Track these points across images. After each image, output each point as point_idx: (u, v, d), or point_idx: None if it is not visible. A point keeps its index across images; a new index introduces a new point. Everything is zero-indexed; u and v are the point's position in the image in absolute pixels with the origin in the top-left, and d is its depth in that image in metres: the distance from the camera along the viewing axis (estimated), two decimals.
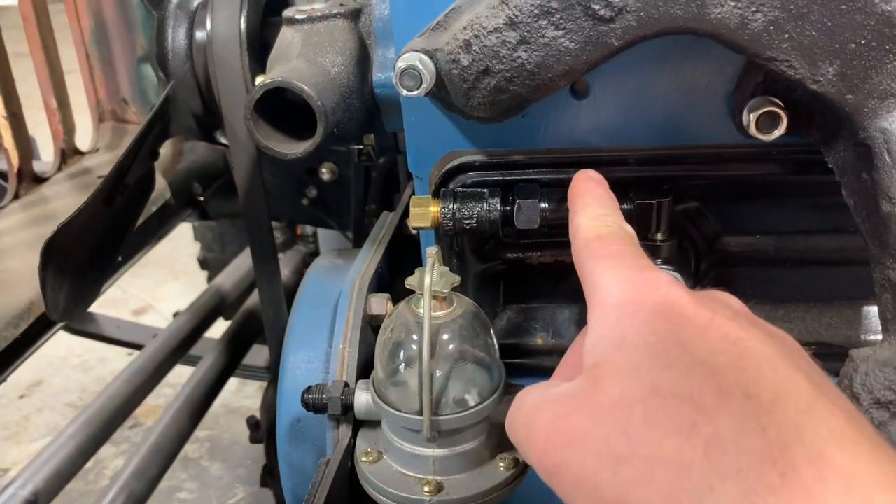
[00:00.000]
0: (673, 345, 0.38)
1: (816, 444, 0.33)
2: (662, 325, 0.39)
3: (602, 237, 0.47)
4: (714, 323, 0.39)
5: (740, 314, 0.42)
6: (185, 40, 0.79)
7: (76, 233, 0.75)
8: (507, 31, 0.52)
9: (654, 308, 0.40)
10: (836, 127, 0.54)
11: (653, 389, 0.37)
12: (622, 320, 0.40)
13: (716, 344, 0.38)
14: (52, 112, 1.33)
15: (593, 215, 0.49)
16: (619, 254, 0.45)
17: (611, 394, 0.38)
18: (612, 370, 0.39)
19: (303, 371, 0.74)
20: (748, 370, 0.37)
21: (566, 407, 0.39)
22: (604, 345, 0.40)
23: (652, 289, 0.41)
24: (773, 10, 0.49)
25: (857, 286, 0.70)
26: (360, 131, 0.73)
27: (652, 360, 0.38)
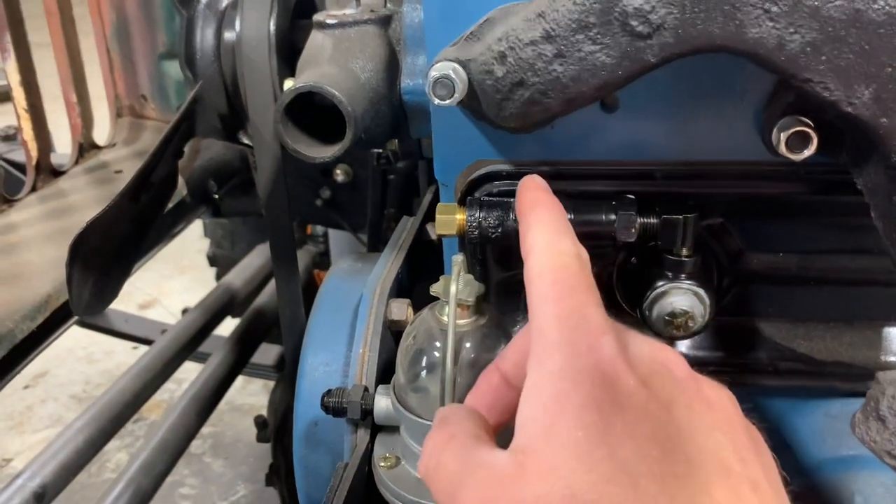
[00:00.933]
0: (599, 443, 0.38)
1: None
2: (593, 418, 0.38)
3: (555, 272, 0.45)
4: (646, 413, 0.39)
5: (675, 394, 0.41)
6: (214, 41, 0.79)
7: (102, 229, 0.75)
8: (544, 45, 0.53)
9: (589, 392, 0.39)
10: (867, 149, 0.55)
11: (573, 494, 0.36)
12: (556, 402, 0.40)
13: (642, 445, 0.38)
14: (72, 106, 1.33)
15: (548, 240, 0.47)
16: (569, 302, 0.43)
17: (534, 489, 0.38)
18: (538, 463, 0.38)
19: (321, 374, 0.74)
20: (666, 483, 0.37)
21: (493, 490, 0.39)
22: (534, 429, 0.40)
23: (594, 362, 0.40)
24: (810, 32, 0.49)
25: (878, 307, 0.71)
26: (386, 137, 0.74)
27: (576, 460, 0.37)
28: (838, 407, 0.72)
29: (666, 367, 0.43)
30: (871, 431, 0.49)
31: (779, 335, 0.72)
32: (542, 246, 0.46)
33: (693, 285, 0.64)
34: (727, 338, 0.72)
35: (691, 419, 0.40)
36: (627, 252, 0.70)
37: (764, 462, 0.42)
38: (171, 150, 0.83)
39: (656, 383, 0.41)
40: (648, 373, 0.41)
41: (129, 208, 0.80)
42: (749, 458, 0.40)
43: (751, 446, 0.41)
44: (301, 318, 0.92)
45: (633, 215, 0.62)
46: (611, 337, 0.42)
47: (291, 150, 0.67)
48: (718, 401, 0.43)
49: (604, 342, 0.41)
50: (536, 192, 0.52)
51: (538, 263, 0.46)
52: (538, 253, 0.46)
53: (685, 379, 0.43)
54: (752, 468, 0.40)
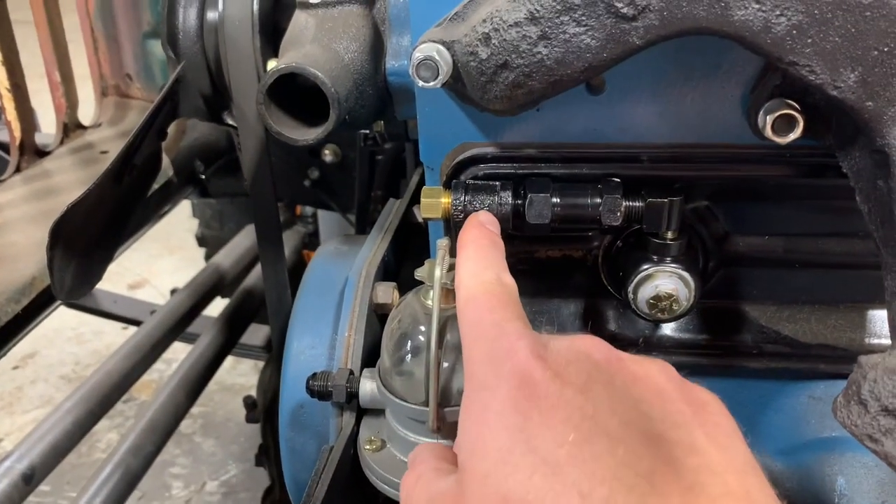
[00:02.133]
0: (519, 441, 0.39)
1: None
2: (511, 419, 0.40)
3: (477, 298, 0.48)
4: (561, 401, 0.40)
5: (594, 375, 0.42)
6: (196, 21, 0.78)
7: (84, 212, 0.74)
8: (528, 26, 0.52)
9: (506, 394, 0.41)
10: (853, 133, 0.54)
11: (504, 497, 0.38)
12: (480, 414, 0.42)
13: (559, 431, 0.39)
14: (56, 86, 1.31)
15: (472, 271, 0.50)
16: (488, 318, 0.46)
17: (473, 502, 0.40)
18: (472, 478, 0.40)
19: (307, 357, 0.74)
20: (586, 462, 0.37)
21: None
22: (466, 446, 0.42)
23: (510, 365, 0.42)
24: (796, 15, 0.48)
25: (863, 289, 0.71)
26: (371, 118, 0.73)
27: (502, 464, 0.39)
28: (822, 389, 0.73)
29: (584, 353, 0.43)
30: (852, 415, 0.50)
31: (764, 318, 0.72)
32: (468, 278, 0.50)
33: (678, 268, 0.64)
34: (712, 320, 0.72)
35: (611, 397, 0.41)
36: (613, 235, 0.70)
37: (708, 421, 0.41)
38: (154, 132, 0.82)
39: (572, 371, 0.42)
40: (564, 363, 0.42)
41: (111, 190, 0.79)
42: (683, 423, 0.40)
43: (687, 410, 0.41)
44: (287, 301, 0.92)
45: (618, 198, 0.62)
46: (526, 340, 0.43)
47: (274, 133, 0.66)
48: (644, 374, 0.43)
49: (519, 346, 0.43)
50: (472, 230, 0.55)
51: (465, 294, 0.49)
52: (464, 286, 0.50)
53: (605, 360, 0.43)
54: (687, 432, 0.40)
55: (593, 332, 0.72)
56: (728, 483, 0.38)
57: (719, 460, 0.39)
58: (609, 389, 0.41)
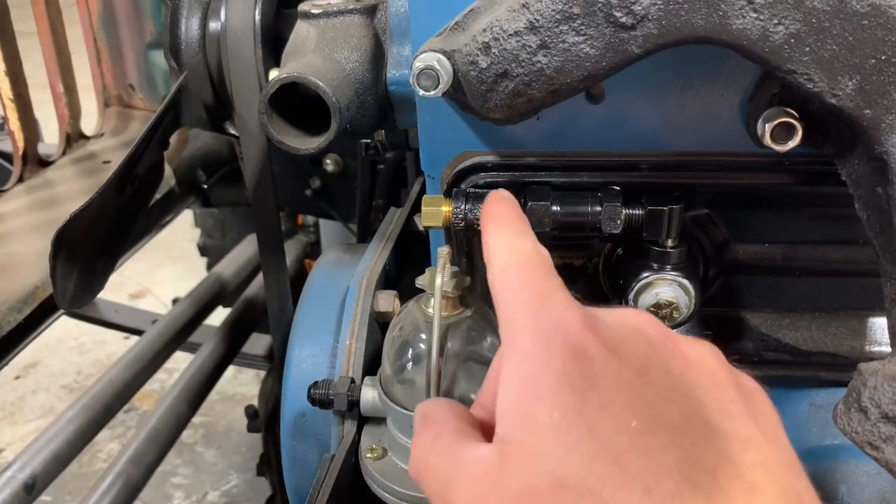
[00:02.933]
0: (577, 422, 0.37)
1: None
2: (567, 397, 0.37)
3: (517, 266, 0.45)
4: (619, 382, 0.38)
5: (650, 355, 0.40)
6: (199, 31, 0.79)
7: (87, 222, 0.75)
8: (528, 35, 0.52)
9: (561, 370, 0.38)
10: (851, 140, 0.55)
11: (557, 480, 0.36)
12: (529, 386, 0.39)
13: (619, 415, 0.37)
14: (59, 96, 1.32)
15: (508, 239, 0.47)
16: (532, 286, 0.43)
17: (519, 480, 0.37)
18: (520, 451, 0.38)
19: (308, 365, 0.74)
20: (651, 453, 0.35)
21: (482, 488, 0.38)
22: (510, 416, 0.39)
23: (561, 338, 0.39)
24: (794, 23, 0.49)
25: (863, 297, 0.71)
26: (372, 127, 0.73)
27: (556, 443, 0.37)
28: (823, 396, 0.73)
29: (637, 331, 0.41)
30: (852, 422, 0.50)
31: (764, 325, 0.72)
32: (503, 248, 0.47)
33: (678, 276, 0.64)
34: (713, 328, 0.73)
35: (670, 382, 0.39)
36: (613, 243, 0.70)
37: (758, 412, 0.40)
38: (157, 141, 0.82)
39: (628, 349, 0.40)
40: (619, 340, 0.40)
41: (114, 200, 0.80)
42: (737, 413, 0.39)
43: (739, 400, 0.40)
44: (289, 310, 0.92)
45: (618, 206, 0.62)
46: (576, 312, 0.41)
47: (276, 142, 0.66)
48: (698, 357, 0.41)
49: (569, 317, 0.40)
50: (497, 203, 0.52)
51: (500, 262, 0.46)
52: (499, 254, 0.46)
53: (659, 339, 0.41)
54: (741, 424, 0.38)
55: None
56: (782, 483, 0.37)
57: (773, 457, 0.38)
58: (667, 375, 0.39)
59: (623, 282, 0.67)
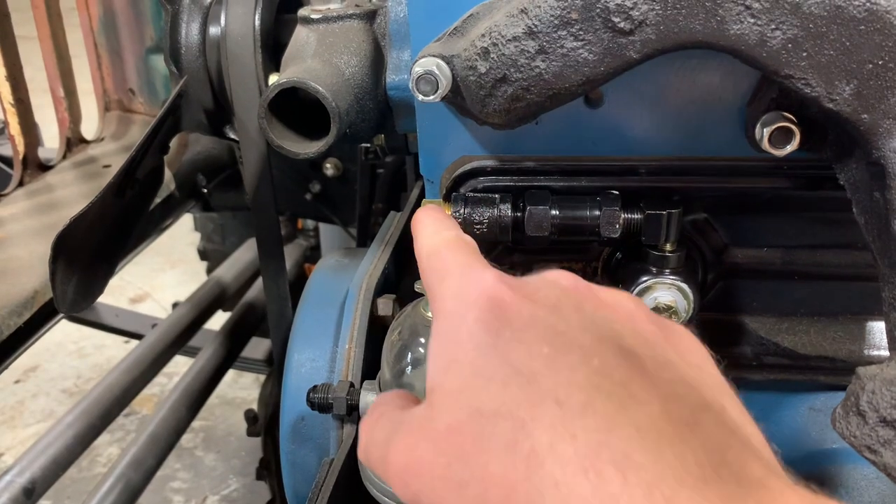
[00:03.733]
0: (492, 356, 0.38)
1: (621, 447, 0.34)
2: (483, 337, 0.39)
3: (438, 250, 0.47)
4: (533, 319, 0.40)
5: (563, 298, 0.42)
6: (199, 36, 0.79)
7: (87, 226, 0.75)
8: (526, 41, 0.53)
9: (477, 316, 0.40)
10: (849, 145, 0.55)
11: (478, 409, 0.37)
12: (450, 337, 0.41)
13: (532, 346, 0.38)
14: (59, 100, 1.32)
15: (432, 231, 0.50)
16: (451, 262, 0.46)
17: (445, 419, 0.38)
18: (444, 394, 0.39)
19: (308, 370, 0.74)
20: (561, 372, 0.37)
21: (413, 437, 0.40)
22: (436, 366, 0.41)
23: (478, 292, 0.42)
24: (792, 29, 0.49)
25: (862, 301, 0.71)
26: (371, 132, 0.74)
27: (474, 377, 0.38)
28: (822, 400, 0.73)
29: (551, 281, 0.43)
30: (851, 426, 0.50)
31: (763, 329, 0.72)
32: (428, 238, 0.49)
33: (677, 280, 0.65)
34: (712, 332, 0.72)
35: (582, 316, 0.40)
36: (612, 247, 0.70)
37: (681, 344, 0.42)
38: (157, 145, 0.82)
39: (542, 294, 0.41)
40: (533, 288, 0.42)
41: (114, 204, 0.80)
42: (655, 342, 0.40)
43: (658, 332, 0.41)
44: (288, 314, 0.92)
45: (617, 211, 0.63)
46: (493, 271, 0.43)
47: (276, 146, 0.66)
48: (614, 300, 0.43)
49: (486, 275, 0.42)
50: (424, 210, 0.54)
51: (426, 250, 0.48)
52: (424, 247, 0.49)
53: (573, 286, 0.43)
54: (659, 350, 0.40)
55: None
56: (705, 397, 0.38)
57: (694, 376, 0.39)
58: (580, 311, 0.41)
59: (622, 286, 0.67)
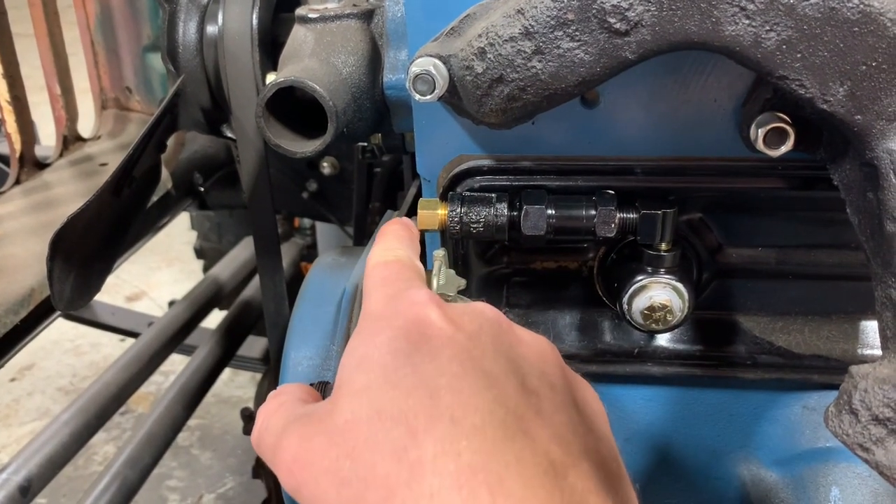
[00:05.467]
0: (404, 364, 0.40)
1: (498, 472, 0.35)
2: (401, 344, 0.41)
3: (386, 263, 0.50)
4: (451, 341, 0.41)
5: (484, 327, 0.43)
6: (196, 34, 0.79)
7: (84, 224, 0.75)
8: (523, 41, 0.53)
9: (401, 325, 0.42)
10: (843, 146, 0.55)
11: (377, 411, 0.38)
12: (369, 338, 0.42)
13: (444, 364, 0.40)
14: (56, 98, 1.32)
15: (385, 247, 0.52)
16: (394, 277, 0.48)
17: (344, 415, 0.39)
18: (349, 390, 0.40)
19: (304, 368, 0.74)
20: (463, 392, 0.38)
21: (310, 429, 0.41)
22: (349, 364, 0.42)
23: (407, 305, 0.43)
24: (786, 30, 0.49)
25: (855, 301, 0.72)
26: (369, 131, 0.74)
27: (382, 380, 0.39)
28: (816, 399, 0.73)
29: (478, 311, 0.45)
30: (843, 424, 0.50)
31: (758, 328, 0.73)
32: (378, 251, 0.52)
33: (672, 279, 0.65)
34: (707, 331, 0.73)
35: (497, 348, 0.42)
36: (608, 246, 0.71)
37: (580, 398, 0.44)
38: (154, 144, 0.82)
39: (465, 321, 0.43)
40: (459, 314, 0.44)
41: (111, 202, 0.80)
42: (559, 387, 0.42)
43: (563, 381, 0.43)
44: (285, 313, 0.92)
45: (612, 210, 0.63)
46: (427, 291, 0.45)
47: (273, 145, 0.67)
48: (532, 340, 0.45)
49: (419, 293, 0.44)
50: (393, 224, 0.57)
51: (373, 261, 0.50)
52: (373, 256, 0.51)
53: (496, 320, 0.45)
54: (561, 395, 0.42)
55: (589, 343, 0.73)
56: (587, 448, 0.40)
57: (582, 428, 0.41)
58: (497, 343, 0.43)
59: (617, 285, 0.67)
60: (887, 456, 0.48)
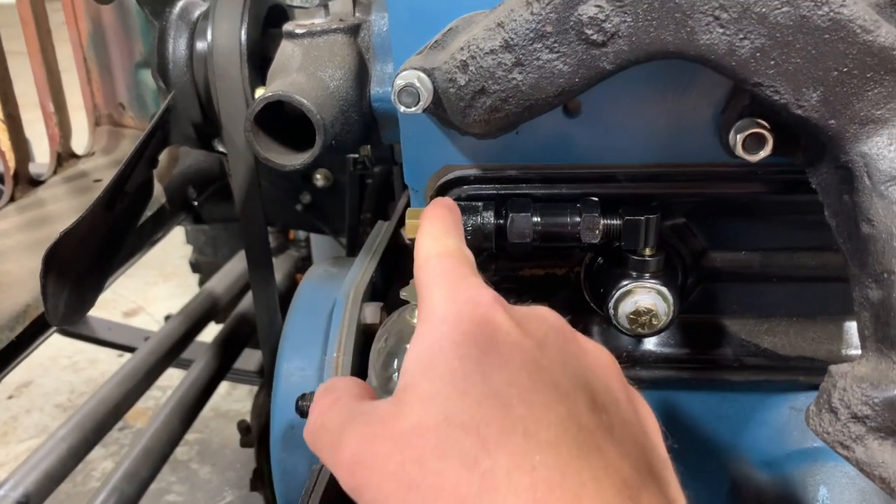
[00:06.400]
0: (474, 371, 0.39)
1: (574, 491, 0.35)
2: (469, 350, 0.40)
3: (439, 256, 0.48)
4: (520, 348, 0.41)
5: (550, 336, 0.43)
6: (186, 51, 0.80)
7: (77, 239, 0.76)
8: (503, 53, 0.54)
9: (467, 329, 0.41)
10: (819, 150, 0.56)
11: (446, 418, 0.38)
12: (436, 342, 0.41)
13: (514, 373, 0.39)
14: (49, 115, 1.33)
15: (434, 237, 0.50)
16: (451, 272, 0.46)
17: (410, 420, 0.39)
18: (416, 395, 0.39)
19: (297, 378, 0.75)
20: (535, 405, 0.38)
21: (373, 430, 0.40)
22: (414, 368, 0.41)
23: (472, 307, 0.43)
24: (759, 38, 0.51)
25: (839, 302, 0.73)
26: (357, 143, 0.75)
27: (451, 387, 0.39)
28: (802, 400, 0.74)
29: (542, 317, 0.45)
30: (824, 423, 0.51)
31: (743, 331, 0.74)
32: (429, 241, 0.49)
33: (657, 284, 0.66)
34: (693, 334, 0.74)
35: (564, 358, 0.42)
36: (593, 253, 0.72)
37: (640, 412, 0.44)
38: (146, 159, 0.83)
39: (532, 326, 0.43)
40: (524, 318, 0.43)
41: (103, 218, 0.81)
42: (621, 400, 0.42)
43: (624, 393, 0.43)
44: (278, 324, 0.93)
45: (596, 217, 0.64)
46: (490, 291, 0.44)
47: (262, 159, 0.68)
48: (594, 351, 0.45)
49: (483, 293, 0.44)
50: (437, 207, 0.54)
51: (425, 253, 0.48)
52: (425, 247, 0.49)
53: (560, 327, 0.45)
54: (625, 411, 0.42)
55: None
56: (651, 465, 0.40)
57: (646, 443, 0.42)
58: (562, 353, 0.43)
59: (603, 290, 0.68)
60: (867, 453, 0.49)
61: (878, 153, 0.51)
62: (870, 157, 0.51)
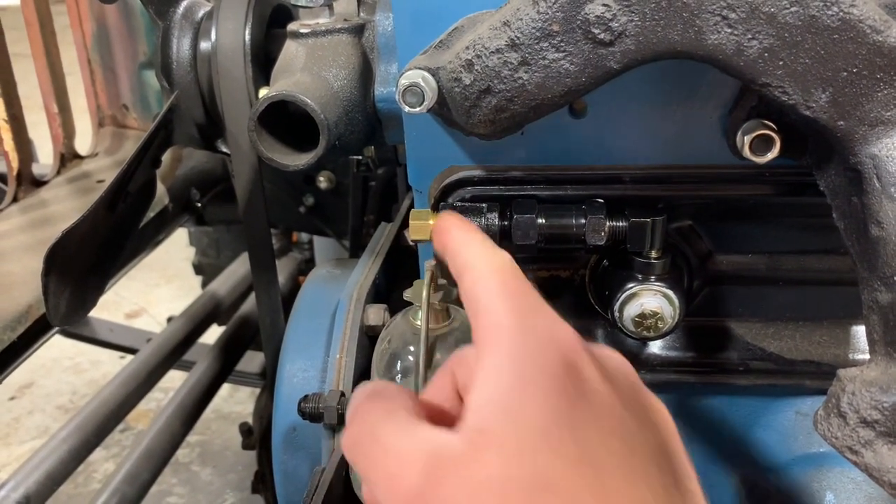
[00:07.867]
0: (566, 428, 0.37)
1: None
2: (560, 403, 0.38)
3: (498, 273, 0.44)
4: (610, 409, 0.39)
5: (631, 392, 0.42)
6: (190, 51, 0.80)
7: (79, 239, 0.75)
8: (509, 53, 0.54)
9: (555, 375, 0.38)
10: (827, 151, 0.56)
11: (536, 478, 0.35)
12: (518, 384, 0.38)
13: (606, 437, 0.38)
14: (53, 116, 1.33)
15: (483, 250, 0.46)
16: (516, 288, 0.43)
17: (492, 470, 0.36)
18: (499, 443, 0.36)
19: (299, 380, 0.75)
20: (627, 479, 0.37)
21: (441, 468, 0.37)
22: (492, 409, 0.38)
23: (555, 347, 0.40)
24: (768, 38, 0.50)
25: (846, 306, 0.72)
26: (361, 144, 0.74)
27: (542, 443, 0.36)
28: (809, 404, 0.73)
29: (621, 369, 0.44)
30: (832, 428, 0.50)
31: (749, 335, 0.73)
32: (480, 256, 0.45)
33: (662, 287, 0.65)
34: (699, 338, 0.73)
35: (645, 418, 0.41)
36: (599, 255, 0.71)
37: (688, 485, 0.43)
38: (148, 160, 0.83)
39: (618, 380, 0.42)
40: (606, 366, 0.42)
41: (105, 218, 0.81)
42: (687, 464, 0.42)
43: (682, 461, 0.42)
44: (280, 326, 0.92)
45: (602, 219, 0.63)
46: (569, 329, 0.42)
47: (266, 159, 0.67)
48: (661, 407, 0.44)
49: (564, 331, 0.41)
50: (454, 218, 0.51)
51: (479, 268, 0.44)
52: (478, 261, 0.45)
53: (637, 382, 0.44)
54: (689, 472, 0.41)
55: None
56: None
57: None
58: (643, 413, 0.41)
59: (609, 293, 0.68)
60: (876, 458, 0.49)
61: (887, 155, 0.50)
62: (879, 159, 0.51)
